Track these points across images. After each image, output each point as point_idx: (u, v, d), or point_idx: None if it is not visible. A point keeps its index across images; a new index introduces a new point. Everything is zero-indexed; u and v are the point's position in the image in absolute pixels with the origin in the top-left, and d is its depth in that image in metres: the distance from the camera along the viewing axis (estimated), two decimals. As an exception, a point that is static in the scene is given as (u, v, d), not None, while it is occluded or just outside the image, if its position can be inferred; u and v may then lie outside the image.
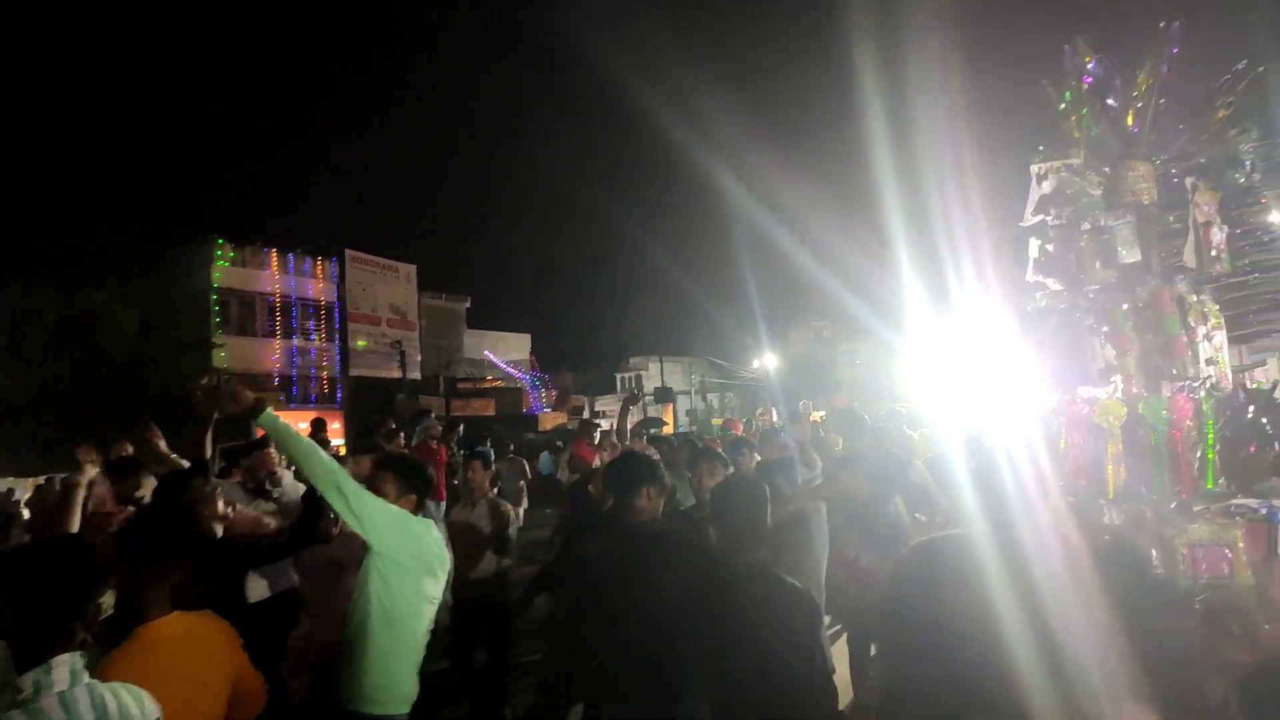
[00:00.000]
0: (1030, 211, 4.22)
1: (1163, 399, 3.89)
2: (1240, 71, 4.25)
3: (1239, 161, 4.09)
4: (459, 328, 45.05)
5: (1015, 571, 2.12)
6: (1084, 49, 4.11)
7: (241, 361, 32.45)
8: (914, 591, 2.09)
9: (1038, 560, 2.20)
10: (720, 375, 54.61)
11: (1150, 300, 3.97)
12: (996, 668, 1.84)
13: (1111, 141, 4.16)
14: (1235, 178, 4.25)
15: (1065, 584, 2.45)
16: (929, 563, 2.09)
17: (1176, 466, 3.93)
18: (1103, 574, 2.54)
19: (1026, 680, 1.86)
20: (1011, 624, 1.89)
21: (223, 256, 32.39)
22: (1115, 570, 2.58)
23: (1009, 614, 1.95)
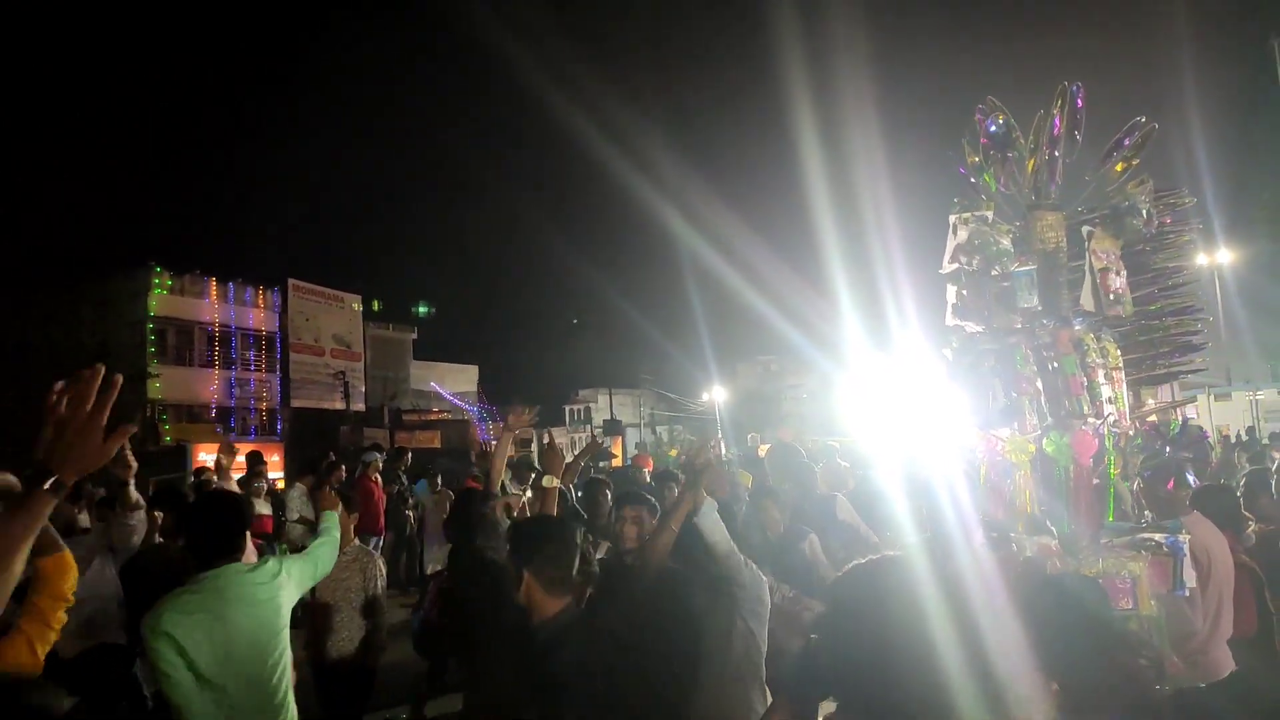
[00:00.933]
0: (947, 259, 4.43)
1: (1065, 437, 4.08)
2: (1137, 125, 4.53)
3: (1135, 210, 4.34)
4: (405, 359, 44.71)
5: (953, 595, 2.22)
6: (993, 107, 4.35)
7: (178, 392, 31.81)
8: (860, 610, 2.18)
9: (973, 585, 2.31)
10: (669, 408, 54.86)
11: (1050, 343, 4.18)
12: (938, 689, 1.94)
13: (1020, 195, 4.40)
14: (1135, 225, 4.49)
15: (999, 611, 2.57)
16: (871, 583, 2.20)
17: (1080, 501, 4.11)
18: (1048, 605, 2.64)
19: (964, 701, 1.96)
20: (951, 646, 2.00)
21: (160, 285, 31.81)
22: (1057, 606, 2.68)
23: (948, 636, 2.06)
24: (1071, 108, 4.37)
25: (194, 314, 33.01)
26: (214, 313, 33.66)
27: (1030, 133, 4.35)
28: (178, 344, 32.49)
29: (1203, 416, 18.57)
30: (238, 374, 34.35)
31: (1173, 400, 5.02)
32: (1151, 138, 4.43)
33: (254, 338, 35.22)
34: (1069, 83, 4.40)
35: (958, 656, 2.02)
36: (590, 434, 52.25)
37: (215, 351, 33.57)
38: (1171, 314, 4.74)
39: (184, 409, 32.31)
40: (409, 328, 45.07)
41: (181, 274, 32.75)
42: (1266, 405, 22.71)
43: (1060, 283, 4.31)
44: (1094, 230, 4.30)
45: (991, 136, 4.33)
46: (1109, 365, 4.23)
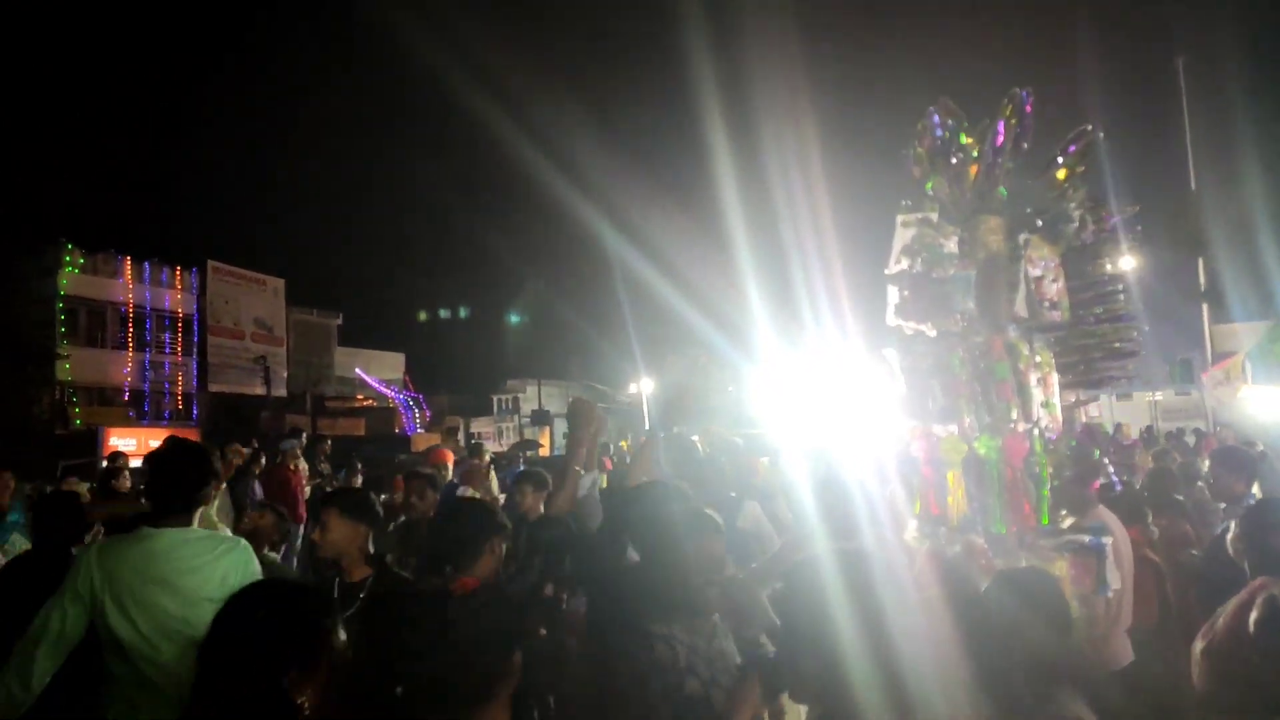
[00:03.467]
0: (893, 260, 4.51)
1: (996, 439, 4.19)
2: (1080, 133, 4.65)
3: (1067, 218, 4.48)
4: (330, 344, 43.75)
5: (865, 592, 2.25)
6: (947, 110, 4.42)
7: (88, 374, 30.59)
8: (802, 609, 2.22)
9: (886, 581, 2.34)
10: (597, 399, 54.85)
11: (984, 347, 4.29)
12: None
13: (964, 199, 4.48)
14: (1069, 233, 4.63)
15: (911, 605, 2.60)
16: (813, 579, 2.23)
17: (1011, 501, 4.23)
18: (945, 601, 2.70)
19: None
20: (865, 640, 2.04)
21: (71, 263, 30.49)
22: (953, 598, 2.75)
23: (863, 631, 2.10)
24: (1020, 114, 4.46)
25: (107, 294, 31.74)
26: (128, 293, 32.41)
27: (975, 138, 4.43)
28: (89, 325, 31.21)
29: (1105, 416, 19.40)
30: (152, 357, 33.17)
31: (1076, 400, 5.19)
32: (1094, 145, 4.56)
33: (170, 319, 34.05)
34: (1018, 88, 4.49)
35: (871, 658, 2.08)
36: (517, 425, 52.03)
37: (129, 333, 32.34)
38: (1107, 321, 4.89)
39: (95, 391, 31.08)
40: (334, 313, 44.10)
41: (94, 252, 31.46)
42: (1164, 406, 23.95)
43: (999, 288, 4.40)
44: (1029, 238, 4.41)
45: (933, 142, 4.41)
46: (1042, 370, 4.35)
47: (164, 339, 33.78)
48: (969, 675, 2.39)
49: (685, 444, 6.77)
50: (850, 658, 2.14)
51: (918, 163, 4.68)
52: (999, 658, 2.54)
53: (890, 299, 4.82)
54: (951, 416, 4.45)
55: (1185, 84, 26.20)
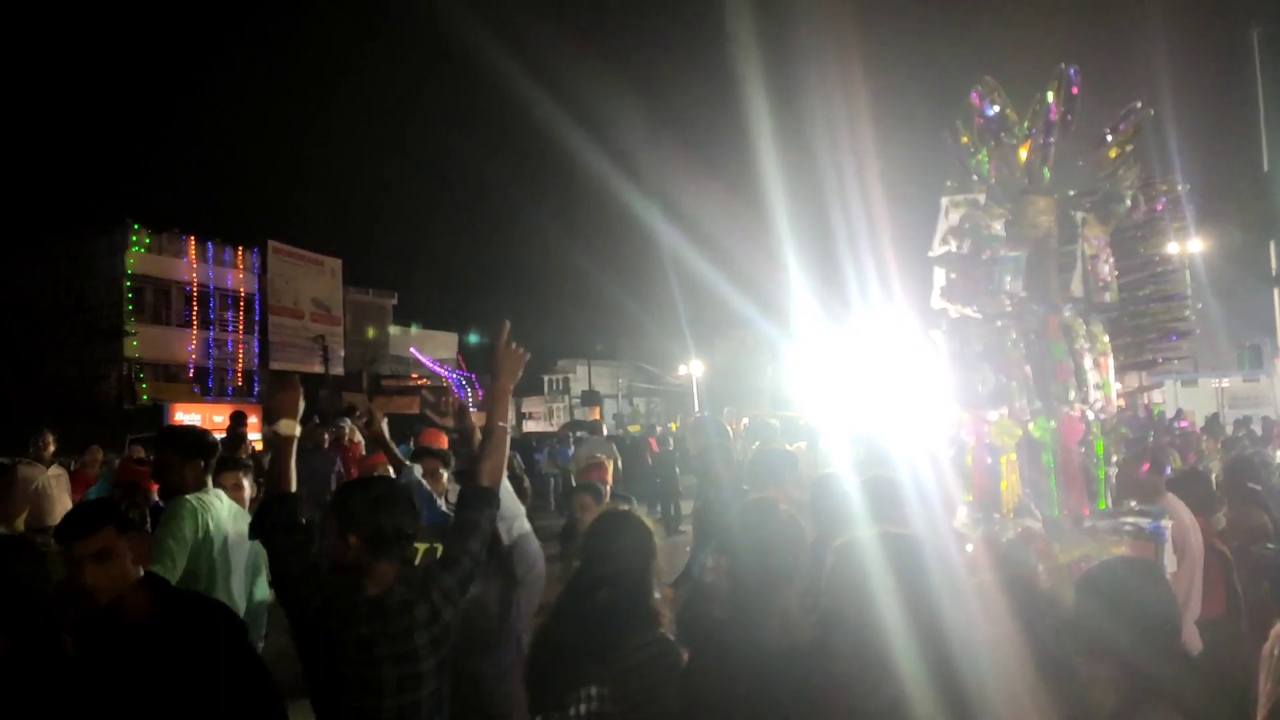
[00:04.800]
0: (937, 242, 4.44)
1: (1051, 420, 4.12)
2: (1130, 111, 4.54)
3: (1119, 197, 4.38)
4: (385, 324, 44.44)
5: (915, 576, 2.23)
6: (989, 89, 4.33)
7: (155, 351, 31.51)
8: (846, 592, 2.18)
9: (938, 566, 2.31)
10: (647, 380, 54.96)
11: (1038, 328, 4.22)
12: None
13: (1013, 179, 4.40)
14: (1121, 211, 4.53)
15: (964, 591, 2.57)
16: (861, 561, 2.20)
17: (1067, 485, 4.16)
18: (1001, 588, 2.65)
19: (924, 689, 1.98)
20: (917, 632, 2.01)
21: (138, 242, 31.36)
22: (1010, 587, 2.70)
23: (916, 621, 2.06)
24: (1067, 91, 4.36)
25: (172, 273, 32.62)
26: (192, 272, 33.27)
27: (1025, 116, 4.34)
28: (155, 303, 32.12)
29: (1169, 403, 18.83)
30: (215, 334, 34.04)
31: (1140, 385, 5.07)
32: (1145, 123, 4.45)
33: (232, 298, 34.89)
34: (1065, 65, 4.38)
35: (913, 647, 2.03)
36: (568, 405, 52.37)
37: (193, 311, 33.21)
38: (1158, 300, 4.79)
39: (161, 368, 32.03)
40: (389, 293, 44.75)
41: (160, 232, 32.30)
42: (1231, 393, 23.07)
43: (1050, 268, 4.32)
44: (1086, 216, 4.32)
45: (985, 120, 4.32)
46: (1097, 351, 4.26)
47: (226, 317, 34.64)
48: (1031, 668, 2.32)
49: (716, 427, 6.68)
50: (897, 644, 2.10)
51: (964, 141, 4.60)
52: (1082, 668, 2.34)
53: (935, 281, 4.76)
54: (1002, 400, 4.38)
55: (1260, 57, 25.19)
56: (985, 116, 4.29)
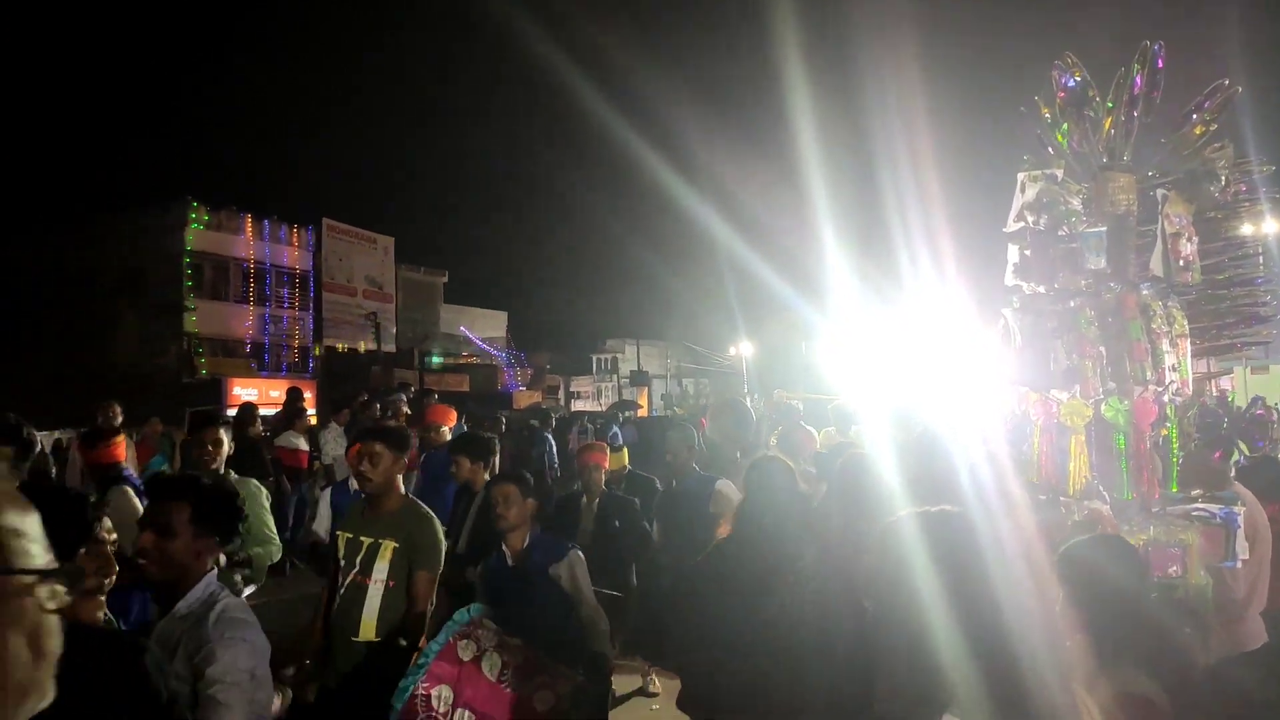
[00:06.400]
0: (1013, 217, 4.36)
1: (1125, 402, 4.04)
2: (1218, 88, 4.40)
3: (1213, 176, 4.24)
4: (436, 302, 44.90)
5: (967, 556, 2.22)
6: (1071, 64, 4.23)
7: (213, 326, 32.21)
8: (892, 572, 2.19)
9: (991, 547, 2.30)
10: (696, 361, 54.87)
11: (1116, 306, 4.13)
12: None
13: (1092, 154, 4.29)
14: (1210, 191, 4.40)
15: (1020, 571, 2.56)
16: (920, 535, 2.20)
17: (1138, 468, 4.08)
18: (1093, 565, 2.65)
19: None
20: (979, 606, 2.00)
21: (197, 219, 32.00)
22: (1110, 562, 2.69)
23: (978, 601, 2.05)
24: (1152, 67, 4.25)
25: (229, 250, 33.22)
26: (249, 249, 33.86)
27: (1109, 91, 4.24)
28: (213, 279, 32.78)
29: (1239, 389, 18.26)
30: (271, 311, 34.66)
31: (1209, 372, 4.94)
32: (1232, 101, 4.31)
33: (288, 275, 35.46)
34: (1150, 41, 4.27)
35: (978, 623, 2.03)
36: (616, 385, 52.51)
37: (250, 288, 33.84)
38: (1239, 284, 4.65)
39: (219, 343, 32.73)
40: (440, 271, 45.17)
41: (218, 209, 32.92)
42: (1304, 380, 22.26)
43: (1129, 246, 4.23)
44: (1168, 194, 4.20)
45: (1068, 93, 4.22)
46: (1174, 332, 4.16)
47: (282, 294, 35.23)
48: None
49: (740, 411, 6.57)
50: (943, 629, 2.08)
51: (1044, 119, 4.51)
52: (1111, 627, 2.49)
53: (1010, 258, 4.67)
54: (1073, 379, 4.30)
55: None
56: (1066, 90, 4.19)
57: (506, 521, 3.86)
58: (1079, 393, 4.18)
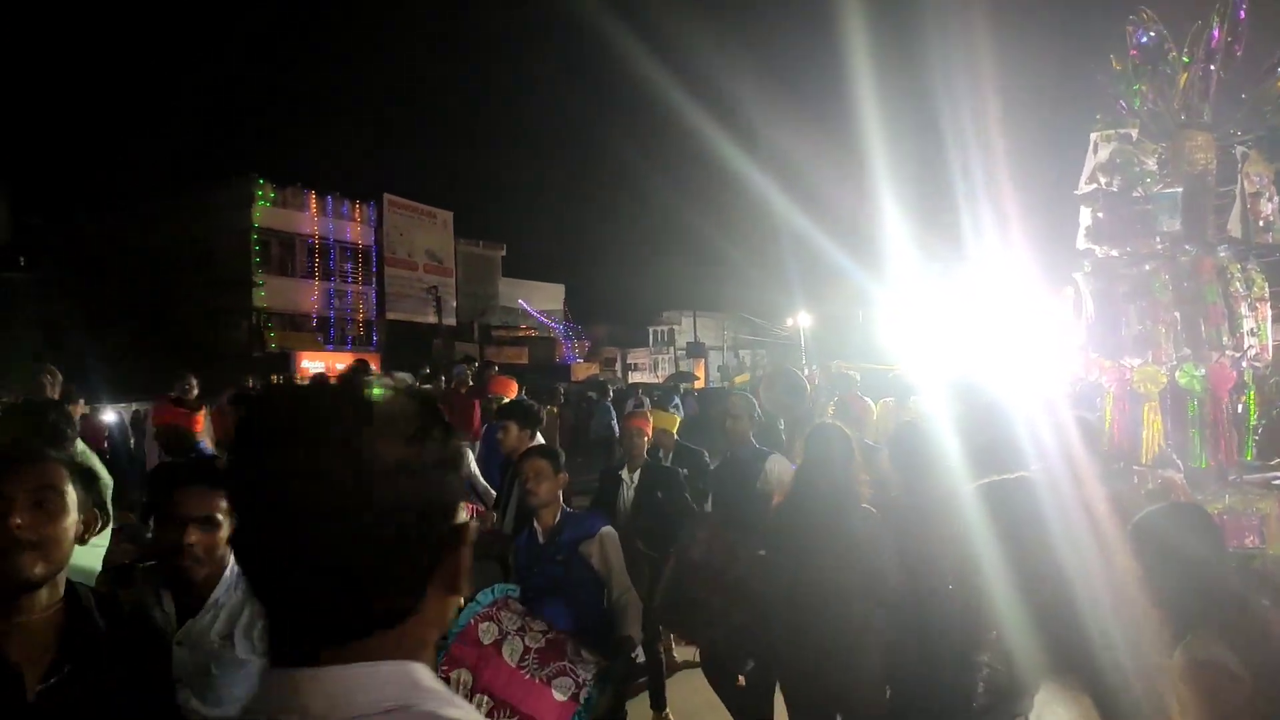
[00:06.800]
0: (1084, 179, 4.24)
1: (1200, 368, 3.93)
2: (1304, 42, 4.22)
3: (1293, 133, 4.09)
4: (494, 275, 45.27)
5: (1029, 524, 2.20)
6: (1147, 19, 4.09)
7: (281, 301, 32.94)
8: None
9: (1057, 516, 2.28)
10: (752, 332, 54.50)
11: (1191, 269, 4.00)
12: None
13: (1168, 113, 4.15)
14: (1293, 150, 4.23)
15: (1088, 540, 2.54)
16: (1006, 502, 2.20)
17: (1213, 435, 3.98)
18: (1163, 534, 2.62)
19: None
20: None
21: (264, 196, 32.66)
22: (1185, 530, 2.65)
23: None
24: (1232, 19, 4.08)
25: (295, 226, 33.85)
26: (314, 225, 34.49)
27: (1185, 45, 4.09)
28: (280, 255, 33.47)
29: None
30: (336, 285, 35.31)
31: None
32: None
33: (351, 250, 36.06)
34: (1231, -9, 4.10)
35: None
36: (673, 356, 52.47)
37: (315, 263, 34.50)
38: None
39: (287, 318, 33.48)
40: (499, 245, 45.51)
41: (283, 186, 33.54)
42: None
43: (1206, 207, 4.09)
44: (1248, 153, 4.05)
45: (1142, 48, 4.08)
46: (1253, 296, 4.03)
47: (346, 269, 35.85)
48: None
49: (793, 380, 6.47)
50: (1006, 599, 2.08)
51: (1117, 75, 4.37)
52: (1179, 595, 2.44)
53: (1082, 221, 4.56)
54: (1146, 345, 4.20)
55: None
56: (1140, 46, 4.05)
57: (537, 497, 3.79)
58: (1151, 359, 4.09)
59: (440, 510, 0.88)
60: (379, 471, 0.83)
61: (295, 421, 0.84)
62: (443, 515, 0.88)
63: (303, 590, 0.82)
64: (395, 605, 0.85)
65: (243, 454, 0.86)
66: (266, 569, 0.84)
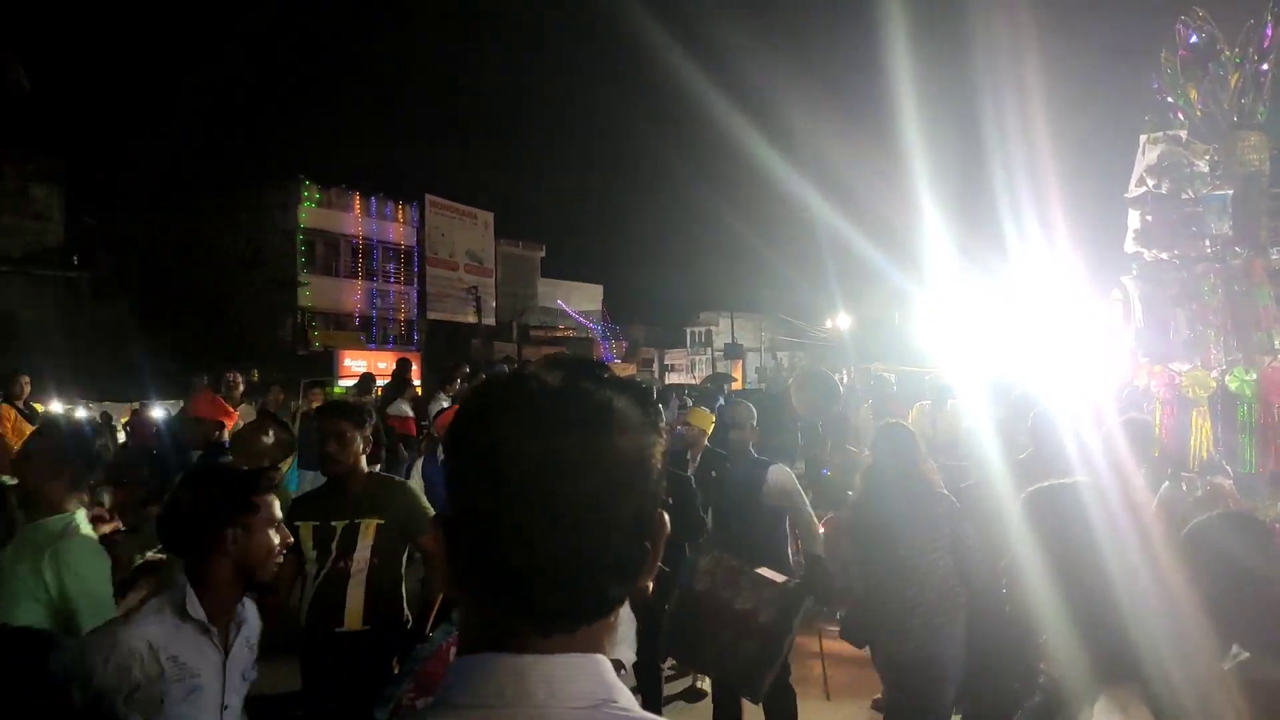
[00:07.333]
0: (1134, 182, 4.20)
1: (1251, 372, 3.88)
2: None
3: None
4: (533, 276, 45.53)
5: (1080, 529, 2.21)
6: (1198, 19, 4.04)
7: (325, 301, 33.42)
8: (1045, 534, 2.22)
9: (1105, 523, 2.28)
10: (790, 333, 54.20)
11: (1243, 272, 3.96)
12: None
13: (1221, 113, 4.10)
14: (1348, 150, 4.15)
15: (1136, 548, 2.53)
16: (1054, 508, 2.22)
17: (1264, 440, 3.93)
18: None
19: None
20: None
21: (309, 197, 33.17)
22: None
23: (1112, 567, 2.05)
24: None
25: (339, 226, 34.31)
26: (357, 226, 34.94)
27: (1237, 44, 4.03)
28: (325, 255, 33.96)
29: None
30: (378, 285, 35.74)
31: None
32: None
33: (393, 251, 36.48)
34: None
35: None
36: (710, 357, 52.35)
37: (359, 263, 34.96)
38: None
39: (331, 317, 33.97)
40: (538, 245, 45.77)
41: (328, 187, 34.03)
42: None
43: (1259, 209, 4.03)
44: (1303, 153, 3.99)
45: (1192, 48, 4.03)
46: (1307, 299, 3.97)
47: (389, 269, 36.29)
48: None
49: (826, 382, 6.44)
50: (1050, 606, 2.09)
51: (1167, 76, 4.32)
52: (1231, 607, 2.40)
53: (1130, 224, 4.52)
54: (1196, 349, 4.16)
55: None
56: (1190, 46, 4.00)
57: None
58: (1200, 364, 4.04)
59: (660, 496, 0.90)
60: (628, 456, 0.85)
61: (567, 410, 0.85)
62: (660, 501, 0.90)
63: (558, 574, 0.83)
64: (622, 592, 0.88)
65: (505, 438, 0.84)
66: (518, 551, 0.83)
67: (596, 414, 0.85)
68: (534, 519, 0.82)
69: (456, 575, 0.89)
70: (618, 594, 0.88)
